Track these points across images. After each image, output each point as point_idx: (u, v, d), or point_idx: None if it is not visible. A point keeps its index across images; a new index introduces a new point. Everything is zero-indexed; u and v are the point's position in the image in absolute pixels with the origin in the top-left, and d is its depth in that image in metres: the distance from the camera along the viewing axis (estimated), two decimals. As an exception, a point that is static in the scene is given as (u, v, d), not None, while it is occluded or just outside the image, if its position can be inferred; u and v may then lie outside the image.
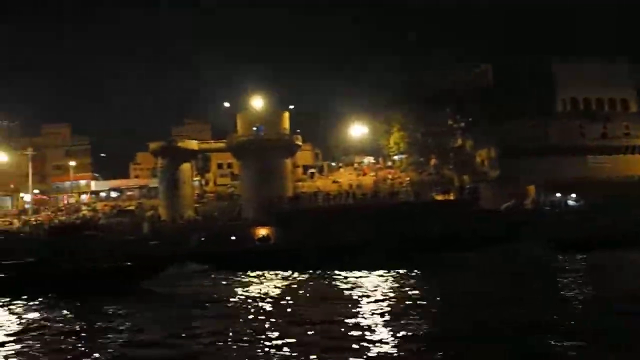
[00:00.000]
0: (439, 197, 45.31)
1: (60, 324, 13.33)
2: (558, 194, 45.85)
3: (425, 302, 14.99)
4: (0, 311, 15.98)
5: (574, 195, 45.55)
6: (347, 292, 16.93)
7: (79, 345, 11.10)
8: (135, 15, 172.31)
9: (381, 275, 21.14)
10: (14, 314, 15.47)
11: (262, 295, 17.06)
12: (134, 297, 18.30)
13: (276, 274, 23.55)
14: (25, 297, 18.02)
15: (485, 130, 50.28)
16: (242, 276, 23.68)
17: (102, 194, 75.54)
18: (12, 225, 56.70)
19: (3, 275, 20.92)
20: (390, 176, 59.83)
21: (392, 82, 56.76)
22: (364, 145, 66.79)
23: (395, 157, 62.24)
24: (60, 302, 17.25)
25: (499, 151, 50.48)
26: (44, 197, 75.11)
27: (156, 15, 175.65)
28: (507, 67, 49.39)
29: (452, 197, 44.12)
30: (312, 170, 66.28)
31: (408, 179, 56.67)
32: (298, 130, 60.39)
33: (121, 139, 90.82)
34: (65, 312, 15.69)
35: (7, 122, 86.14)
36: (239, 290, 18.64)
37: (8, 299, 17.82)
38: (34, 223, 55.60)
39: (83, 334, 12.08)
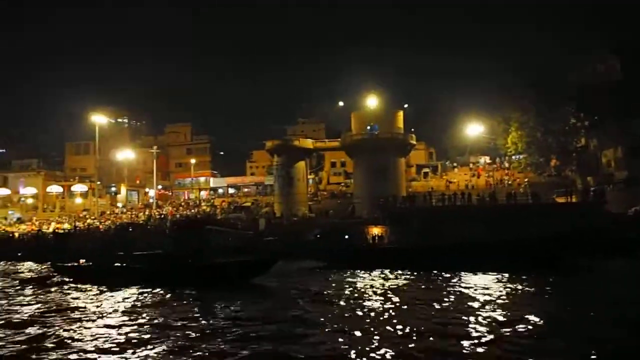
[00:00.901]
0: (560, 200, 43.43)
1: (176, 314, 13.85)
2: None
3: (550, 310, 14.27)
4: (126, 299, 16.83)
5: None
6: (463, 293, 16.51)
7: (194, 332, 11.49)
8: (257, 16, 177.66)
9: (501, 280, 20.51)
10: (138, 301, 16.26)
11: (376, 293, 16.99)
12: (246, 291, 18.71)
13: (390, 273, 23.37)
14: (150, 287, 18.75)
15: (612, 129, 47.52)
16: (358, 274, 23.69)
17: (220, 191, 78.53)
18: (137, 218, 60.05)
19: (132, 266, 22.13)
20: (507, 177, 58.09)
21: (511, 80, 54.42)
22: (480, 145, 65.26)
23: (513, 157, 60.28)
24: (179, 292, 17.90)
25: (626, 151, 47.55)
26: (167, 192, 79.08)
27: (277, 15, 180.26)
28: (637, 60, 46.14)
29: (574, 200, 42.06)
30: (426, 169, 65.52)
31: (526, 180, 54.73)
32: (412, 129, 59.94)
33: (238, 137, 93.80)
34: (184, 302, 16.33)
35: (135, 122, 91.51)
36: (352, 287, 18.64)
37: (136, 288, 18.73)
38: (158, 217, 58.74)
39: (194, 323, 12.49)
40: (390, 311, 13.41)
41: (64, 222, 59.10)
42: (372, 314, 12.91)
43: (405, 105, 61.66)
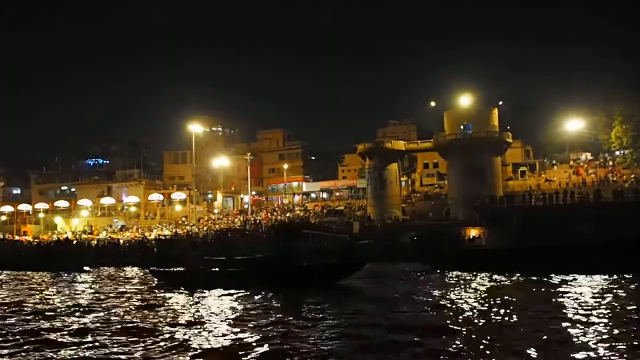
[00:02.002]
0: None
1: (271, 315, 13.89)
2: None
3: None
4: (227, 301, 17.05)
5: None
6: (572, 296, 15.62)
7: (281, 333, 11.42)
8: (345, 16, 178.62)
9: (611, 281, 19.33)
10: (239, 303, 16.43)
11: (496, 301, 16.35)
12: (337, 292, 18.61)
13: (499, 275, 22.54)
14: (248, 290, 18.99)
15: None
16: (464, 277, 23.01)
17: (312, 195, 79.00)
18: (233, 223, 61.38)
19: (233, 270, 22.49)
20: (611, 174, 55.14)
21: (612, 72, 51.92)
22: (581, 141, 62.42)
23: (617, 153, 57.23)
24: (273, 294, 18.09)
25: None
26: (261, 198, 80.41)
27: (367, 15, 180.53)
28: None
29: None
30: (523, 168, 63.28)
31: (633, 176, 51.78)
32: (508, 127, 58.11)
33: (329, 142, 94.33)
34: (275, 303, 16.43)
35: (228, 130, 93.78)
36: (466, 292, 18.03)
37: (235, 292, 18.98)
38: (253, 222, 59.83)
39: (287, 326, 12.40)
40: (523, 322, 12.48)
41: (164, 229, 61.29)
42: (506, 328, 12.01)
43: (500, 103, 59.78)
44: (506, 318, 12.65)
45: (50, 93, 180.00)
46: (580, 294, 16.16)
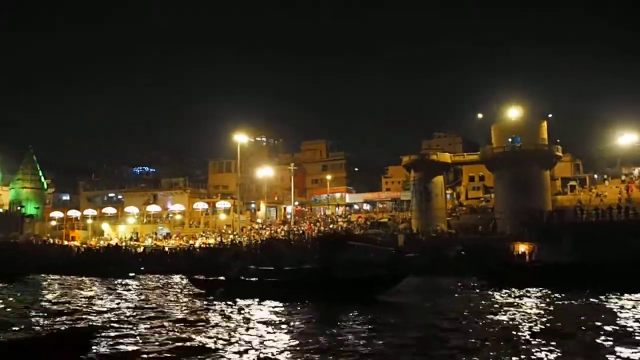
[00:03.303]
0: None
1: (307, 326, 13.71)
2: None
3: None
4: (264, 311, 16.96)
5: None
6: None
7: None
8: (389, 25, 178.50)
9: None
10: (276, 314, 16.30)
11: (528, 315, 15.80)
12: (377, 307, 18.31)
13: (554, 293, 21.80)
14: (288, 301, 18.88)
15: None
16: (517, 293, 22.39)
17: (355, 206, 78.69)
18: (277, 233, 61.41)
19: (272, 280, 22.34)
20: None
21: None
22: (633, 155, 60.62)
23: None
24: (313, 306, 17.91)
25: None
26: (303, 208, 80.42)
27: (409, 23, 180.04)
28: None
29: None
30: (573, 182, 61.80)
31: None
32: (558, 140, 56.89)
33: (373, 153, 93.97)
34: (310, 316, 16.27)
35: (272, 140, 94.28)
36: (502, 309, 17.48)
37: (274, 302, 18.87)
38: (297, 232, 59.78)
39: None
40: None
41: (208, 237, 61.72)
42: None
43: (550, 115, 58.60)
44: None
45: (89, 100, 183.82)
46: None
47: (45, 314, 16.24)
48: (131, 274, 36.16)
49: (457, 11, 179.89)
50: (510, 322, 14.48)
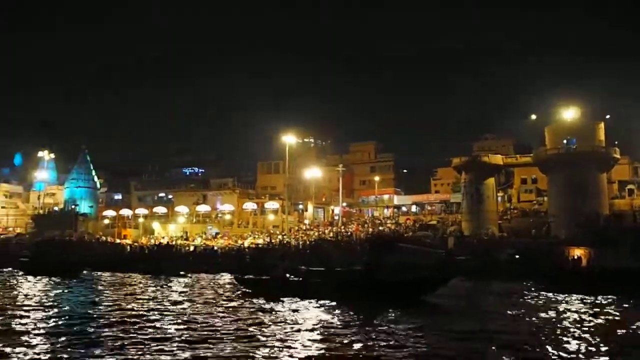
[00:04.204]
0: None
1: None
2: None
3: None
4: (307, 311, 16.84)
5: None
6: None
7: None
8: (441, 29, 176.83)
9: None
10: (318, 314, 16.18)
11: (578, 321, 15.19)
12: (422, 309, 17.98)
13: (615, 300, 21.01)
14: (330, 301, 18.80)
15: None
16: (575, 298, 21.70)
17: (404, 208, 77.95)
18: (325, 235, 61.27)
19: (321, 280, 22.16)
20: None
21: None
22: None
23: None
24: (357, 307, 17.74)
25: None
26: (351, 210, 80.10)
27: (461, 25, 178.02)
28: None
29: None
30: (631, 186, 59.82)
31: None
32: (616, 142, 55.10)
33: (421, 155, 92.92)
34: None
35: (320, 142, 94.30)
36: (563, 315, 16.86)
37: (323, 302, 18.76)
38: (345, 233, 59.52)
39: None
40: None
41: (257, 237, 62.05)
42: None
43: (607, 117, 56.85)
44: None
45: (138, 100, 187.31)
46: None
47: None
48: (182, 272, 36.55)
49: (511, 11, 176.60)
50: (580, 331, 13.94)
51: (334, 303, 18.63)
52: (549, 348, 11.26)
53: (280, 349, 10.79)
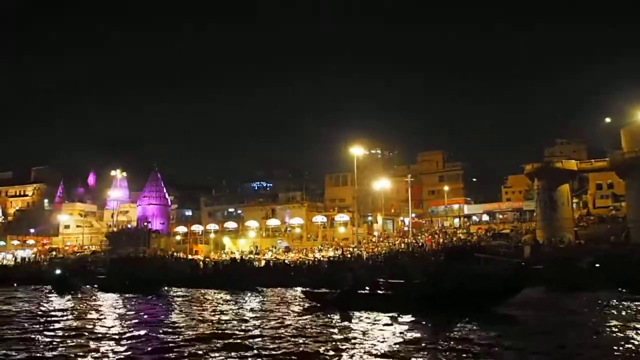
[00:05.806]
0: None
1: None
2: None
3: None
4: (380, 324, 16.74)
5: None
6: None
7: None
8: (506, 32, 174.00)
9: None
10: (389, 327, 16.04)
11: None
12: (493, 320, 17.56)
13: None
14: (404, 314, 18.57)
15: None
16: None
17: (474, 218, 76.67)
18: (395, 246, 60.87)
19: (388, 292, 22.01)
20: None
21: None
22: None
23: None
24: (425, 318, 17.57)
25: None
26: (420, 220, 79.38)
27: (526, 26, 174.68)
28: None
29: None
30: None
31: None
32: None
33: (490, 163, 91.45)
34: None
35: (387, 152, 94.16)
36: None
37: (391, 314, 18.65)
38: (417, 244, 59.01)
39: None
40: None
41: (327, 250, 62.24)
42: None
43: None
44: None
45: (203, 117, 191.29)
46: None
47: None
48: (256, 287, 36.97)
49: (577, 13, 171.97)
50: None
51: (409, 315, 18.47)
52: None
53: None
